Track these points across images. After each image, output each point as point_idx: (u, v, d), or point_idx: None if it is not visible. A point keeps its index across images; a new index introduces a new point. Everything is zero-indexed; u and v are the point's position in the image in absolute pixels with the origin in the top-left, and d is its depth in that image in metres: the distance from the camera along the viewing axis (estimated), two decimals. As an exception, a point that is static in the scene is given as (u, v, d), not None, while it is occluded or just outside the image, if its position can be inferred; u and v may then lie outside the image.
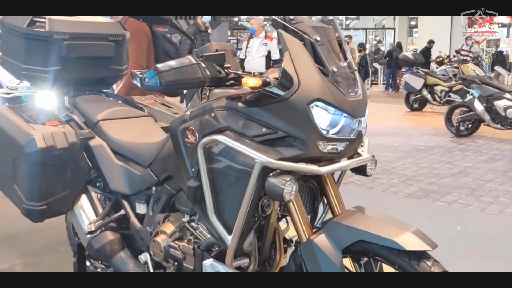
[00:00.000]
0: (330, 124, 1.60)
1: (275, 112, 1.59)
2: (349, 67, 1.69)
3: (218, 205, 1.74)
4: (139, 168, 2.23)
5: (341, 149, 1.65)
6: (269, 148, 1.61)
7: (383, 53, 19.51)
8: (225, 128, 1.68)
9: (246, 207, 1.64)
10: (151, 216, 2.16)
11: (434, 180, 5.15)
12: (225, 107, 1.69)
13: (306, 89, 1.56)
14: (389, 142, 7.26)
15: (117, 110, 2.52)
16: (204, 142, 1.69)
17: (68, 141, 2.24)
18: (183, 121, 1.82)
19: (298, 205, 1.70)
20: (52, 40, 2.48)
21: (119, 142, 2.32)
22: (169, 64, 1.61)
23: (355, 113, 1.63)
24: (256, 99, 1.62)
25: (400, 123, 9.36)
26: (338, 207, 1.83)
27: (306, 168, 1.58)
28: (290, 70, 1.57)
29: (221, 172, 1.70)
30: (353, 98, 1.64)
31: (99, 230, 2.31)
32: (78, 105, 2.56)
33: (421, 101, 10.89)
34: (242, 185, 1.63)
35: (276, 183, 1.56)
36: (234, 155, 1.66)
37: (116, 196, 2.35)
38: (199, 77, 1.62)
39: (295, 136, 1.59)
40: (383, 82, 16.82)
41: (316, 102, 1.56)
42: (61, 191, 2.29)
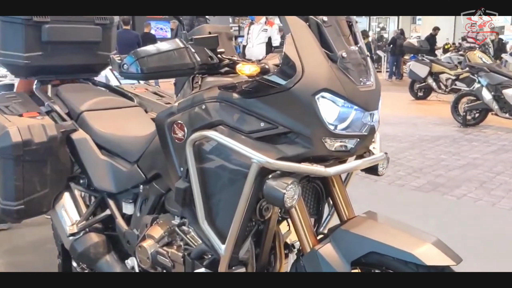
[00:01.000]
0: (339, 118, 1.38)
1: (275, 104, 1.38)
2: (360, 52, 1.47)
3: (210, 210, 1.53)
4: (126, 164, 2.03)
5: (351, 146, 1.44)
6: (268, 145, 1.40)
7: (386, 40, 19.20)
8: (218, 122, 1.47)
9: (242, 212, 1.43)
10: (139, 217, 1.96)
11: (441, 173, 4.94)
12: (217, 98, 1.48)
13: (311, 77, 1.35)
14: (393, 132, 7.04)
15: (103, 99, 2.31)
16: (193, 139, 1.48)
17: (47, 134, 2.03)
18: (170, 113, 1.60)
19: (301, 209, 1.49)
20: (32, 23, 2.27)
21: (104, 135, 2.11)
22: (151, 48, 1.40)
23: (367, 105, 1.41)
24: (253, 89, 1.41)
25: (404, 112, 9.12)
26: (346, 211, 1.62)
27: (310, 169, 1.37)
28: (292, 55, 1.35)
29: (213, 173, 1.49)
30: (365, 88, 1.43)
31: (83, 232, 2.11)
32: (61, 95, 2.35)
33: (426, 90, 10.65)
34: (237, 187, 1.43)
35: (275, 187, 1.35)
36: (227, 154, 1.45)
37: (101, 194, 2.15)
38: (187, 63, 1.40)
39: (298, 132, 1.38)
40: (386, 70, 16.54)
41: (322, 93, 1.35)
42: (40, 189, 2.08)
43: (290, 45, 1.36)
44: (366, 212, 1.55)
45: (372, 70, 1.48)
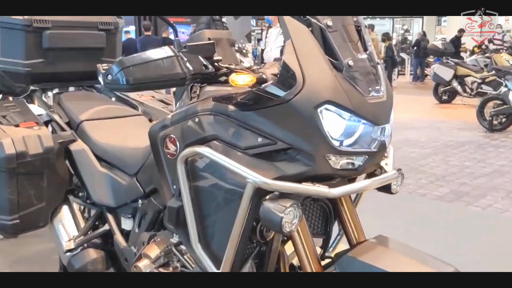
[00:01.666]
0: (344, 133, 1.25)
1: (273, 117, 1.25)
2: (369, 60, 1.33)
3: (204, 232, 1.41)
4: (125, 177, 1.92)
5: (359, 164, 1.30)
6: (266, 163, 1.27)
7: (410, 42, 18.84)
8: (212, 137, 1.34)
9: (238, 235, 1.31)
10: (137, 233, 1.85)
11: (466, 181, 4.73)
12: (211, 111, 1.35)
13: (313, 88, 1.21)
14: (416, 137, 6.82)
15: (104, 108, 2.22)
16: (185, 155, 1.36)
17: (43, 146, 1.94)
18: (163, 126, 1.49)
19: (303, 232, 1.36)
20: (32, 29, 2.20)
21: (103, 145, 2.01)
22: (138, 57, 1.28)
23: (377, 119, 1.27)
24: (250, 101, 1.28)
25: (428, 116, 8.88)
26: (356, 234, 1.48)
27: (312, 189, 1.24)
28: (292, 64, 1.22)
29: (207, 192, 1.37)
30: (375, 99, 1.29)
31: (80, 248, 2.01)
32: (62, 103, 2.27)
33: (451, 93, 10.36)
34: (233, 208, 1.30)
35: (273, 210, 1.22)
36: (222, 172, 1.32)
37: (100, 208, 2.04)
38: (177, 73, 1.28)
39: (299, 148, 1.25)
40: (410, 72, 16.22)
41: (325, 105, 1.21)
42: (36, 203, 1.99)
43: (290, 53, 1.23)
44: (377, 236, 1.41)
45: (383, 80, 1.34)
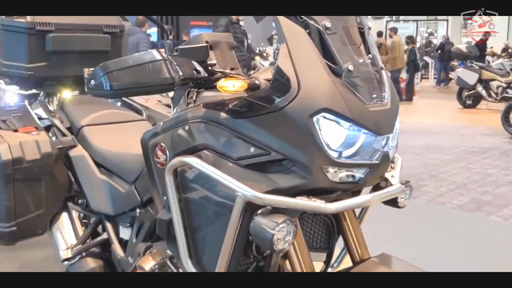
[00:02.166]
0: (344, 143, 1.15)
1: (266, 126, 1.16)
2: (372, 64, 1.24)
3: (195, 246, 1.33)
4: (124, 185, 1.86)
5: (360, 176, 1.20)
6: (259, 175, 1.19)
7: (435, 46, 18.52)
8: (202, 146, 1.26)
9: (229, 251, 1.22)
10: (134, 243, 1.78)
11: (488, 189, 4.55)
12: (202, 118, 1.27)
13: (309, 95, 1.12)
14: (438, 143, 6.65)
15: (106, 113, 2.16)
16: (173, 165, 1.29)
17: (41, 151, 1.89)
18: (154, 134, 1.42)
19: (300, 248, 1.27)
20: (35, 32, 2.15)
21: (103, 151, 1.95)
22: (123, 60, 1.21)
23: (379, 128, 1.17)
24: (241, 108, 1.19)
25: (451, 121, 8.67)
26: (359, 251, 1.39)
27: (307, 204, 1.15)
28: (286, 68, 1.14)
29: (196, 205, 1.29)
30: (377, 107, 1.19)
31: (79, 256, 1.96)
32: (65, 107, 2.22)
33: (475, 97, 10.11)
34: (223, 223, 1.22)
35: (263, 226, 1.13)
36: (211, 184, 1.24)
37: (99, 216, 1.98)
38: (165, 77, 1.20)
39: (294, 159, 1.16)
40: (434, 76, 15.93)
41: (322, 113, 1.12)
42: (34, 210, 1.94)
43: (285, 56, 1.14)
44: (380, 255, 1.31)
45: (387, 86, 1.24)
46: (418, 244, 3.22)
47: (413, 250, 3.10)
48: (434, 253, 3.08)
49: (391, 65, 11.17)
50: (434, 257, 3.01)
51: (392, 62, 11.06)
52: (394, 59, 10.99)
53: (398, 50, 11.01)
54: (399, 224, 3.54)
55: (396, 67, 11.09)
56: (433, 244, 3.22)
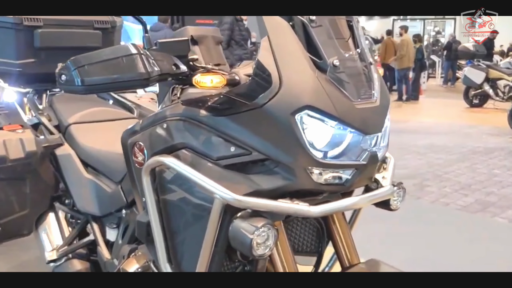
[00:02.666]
0: (329, 143, 1.09)
1: (247, 124, 1.10)
2: (361, 59, 1.17)
3: (174, 250, 1.27)
4: (111, 185, 1.80)
5: (347, 178, 1.13)
6: (240, 176, 1.12)
7: (442, 44, 18.36)
8: (181, 145, 1.20)
9: (208, 256, 1.16)
10: (120, 245, 1.73)
11: (493, 190, 4.46)
12: (181, 116, 1.21)
13: (291, 91, 1.06)
14: (443, 142, 6.54)
15: (96, 111, 2.10)
16: (149, 165, 1.23)
17: (25, 150, 1.84)
18: (133, 132, 1.36)
19: (284, 252, 1.21)
20: (23, 28, 2.10)
21: (89, 150, 1.90)
22: (95, 54, 1.15)
23: (367, 126, 1.11)
24: (221, 105, 1.13)
25: (456, 120, 8.55)
26: (348, 256, 1.32)
27: (289, 207, 1.08)
28: (268, 63, 1.07)
29: (175, 207, 1.23)
30: (364, 104, 1.12)
31: (65, 258, 1.90)
32: (53, 105, 2.16)
33: (482, 97, 9.98)
34: (202, 226, 1.15)
35: (242, 230, 1.07)
36: (190, 185, 1.18)
37: (86, 217, 1.93)
38: (140, 72, 1.14)
39: (276, 159, 1.09)
40: (441, 75, 15.78)
41: (305, 111, 1.06)
42: (19, 210, 1.89)
43: (266, 50, 1.08)
44: (368, 260, 1.24)
45: (376, 82, 1.17)
46: (420, 245, 3.14)
47: (414, 252, 3.03)
48: (436, 255, 3.00)
49: (398, 63, 11.07)
50: (435, 259, 2.94)
51: (399, 61, 10.95)
52: (402, 57, 10.88)
53: (406, 49, 10.87)
54: (400, 225, 3.46)
55: (403, 66, 10.98)
56: (435, 245, 3.14)
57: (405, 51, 10.86)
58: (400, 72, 11.10)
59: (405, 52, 10.87)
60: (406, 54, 10.86)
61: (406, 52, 10.86)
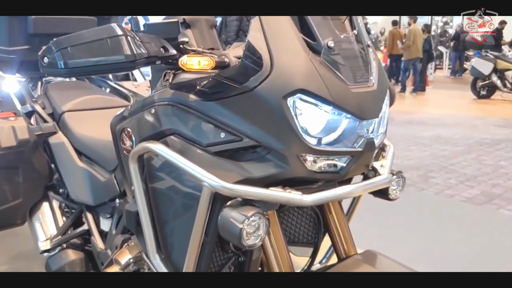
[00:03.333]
0: (323, 129, 1.04)
1: (237, 109, 1.05)
2: (357, 41, 1.11)
3: (164, 240, 1.22)
4: (104, 174, 1.76)
5: (342, 165, 1.08)
6: (230, 163, 1.08)
7: (450, 35, 18.17)
8: (169, 131, 1.15)
9: (197, 246, 1.12)
10: (113, 235, 1.69)
11: (499, 182, 4.39)
12: (169, 101, 1.16)
13: (283, 74, 1.00)
14: (449, 134, 6.46)
15: (91, 98, 2.06)
16: (136, 152, 1.18)
17: (17, 138, 1.80)
18: (121, 118, 1.31)
19: (277, 242, 1.16)
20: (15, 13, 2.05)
21: (83, 139, 1.86)
22: (78, 35, 1.10)
23: (363, 112, 1.05)
24: (211, 89, 1.08)
25: (463, 112, 8.45)
26: (345, 247, 1.27)
27: (280, 196, 1.03)
28: (258, 44, 1.02)
29: (164, 195, 1.18)
30: (361, 88, 1.06)
31: (59, 248, 1.87)
32: (48, 93, 2.12)
33: (490, 88, 9.86)
34: (192, 215, 1.11)
35: (231, 220, 1.02)
36: (179, 173, 1.13)
37: (80, 206, 1.89)
38: (126, 54, 1.08)
39: (268, 146, 1.04)
40: (448, 66, 15.62)
41: (298, 95, 1.00)
42: (12, 199, 1.86)
43: (257, 31, 1.03)
44: (364, 252, 1.19)
45: (374, 65, 1.12)
46: (423, 237, 3.09)
47: (417, 244, 2.98)
48: (440, 247, 2.95)
49: (405, 54, 10.93)
50: (439, 251, 2.88)
51: (407, 51, 10.81)
52: (409, 47, 10.72)
53: (414, 38, 10.71)
54: (405, 216, 3.42)
55: (411, 57, 10.82)
56: (439, 237, 3.09)
57: (411, 41, 10.70)
58: (407, 62, 10.96)
59: (411, 42, 10.71)
60: (414, 44, 10.70)
61: (414, 43, 10.70)
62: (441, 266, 2.68)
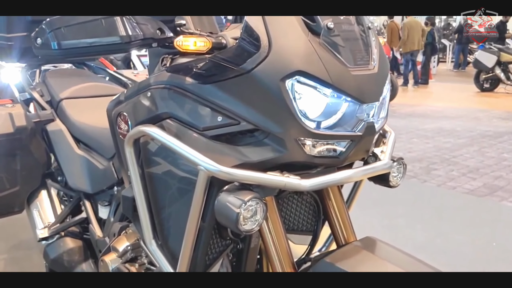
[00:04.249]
0: (322, 112, 1.01)
1: (234, 91, 1.03)
2: (358, 23, 1.09)
3: (161, 226, 1.20)
4: (102, 161, 1.74)
5: (341, 150, 1.06)
6: (227, 147, 1.05)
7: (453, 28, 18.07)
8: (166, 115, 1.13)
9: (193, 232, 1.10)
10: (111, 223, 1.67)
11: (502, 174, 4.36)
12: (165, 84, 1.14)
13: (281, 55, 0.98)
14: (451, 126, 6.44)
15: (89, 86, 2.04)
16: (132, 135, 1.16)
17: (14, 125, 1.78)
18: (117, 102, 1.29)
19: (275, 229, 1.14)
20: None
21: (81, 126, 1.84)
22: (71, 16, 1.07)
23: (363, 95, 1.03)
24: (207, 71, 1.06)
25: (466, 105, 8.41)
26: (344, 234, 1.25)
27: (278, 180, 1.01)
28: (256, 24, 0.99)
29: (160, 180, 1.16)
30: (361, 71, 1.04)
31: (57, 236, 1.86)
32: (47, 80, 2.10)
33: (493, 81, 9.81)
34: (188, 200, 1.09)
35: (227, 204, 1.00)
36: (175, 157, 1.11)
37: (78, 194, 1.88)
38: (121, 36, 1.06)
39: (266, 130, 1.02)
40: (451, 59, 15.54)
41: (296, 77, 0.98)
42: (9, 187, 1.84)
43: None
44: (364, 238, 1.17)
45: (375, 47, 1.09)
46: (424, 228, 3.07)
47: (418, 235, 2.96)
48: (441, 238, 2.93)
49: (403, 48, 10.82)
50: (440, 242, 2.87)
51: (404, 45, 10.70)
52: (404, 43, 10.59)
53: (407, 33, 10.54)
54: (406, 208, 3.40)
55: (406, 50, 10.70)
56: (441, 228, 3.07)
57: (406, 36, 10.50)
58: (405, 56, 10.87)
59: (406, 37, 10.52)
60: (410, 38, 10.51)
61: (409, 37, 10.50)
62: (442, 257, 2.66)
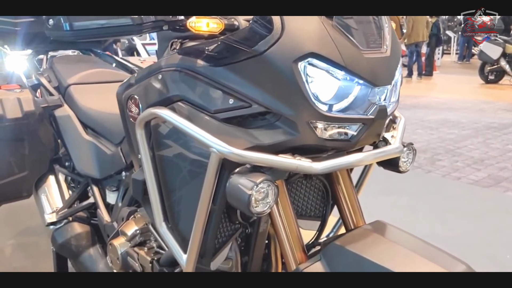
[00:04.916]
0: (335, 95, 1.01)
1: (246, 74, 1.02)
2: (370, 6, 1.08)
3: (172, 209, 1.21)
4: (110, 146, 1.75)
5: (353, 134, 1.06)
6: (239, 130, 1.05)
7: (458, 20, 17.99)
8: (177, 98, 1.13)
9: (204, 215, 1.10)
10: (119, 208, 1.68)
11: (506, 165, 4.36)
12: (177, 66, 1.14)
13: (294, 37, 0.98)
14: (456, 118, 6.42)
15: (96, 72, 2.04)
16: (143, 118, 1.16)
17: (23, 110, 1.78)
18: (128, 85, 1.29)
19: (286, 214, 1.14)
20: None
21: (89, 111, 1.84)
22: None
23: (376, 78, 1.03)
24: (219, 53, 1.06)
25: (471, 96, 8.39)
26: (354, 218, 1.26)
27: (290, 163, 1.01)
28: None
29: (171, 163, 1.16)
30: (374, 54, 1.04)
31: (65, 221, 1.87)
32: (54, 66, 2.10)
33: (498, 72, 9.77)
34: (200, 183, 1.09)
35: (239, 186, 1.00)
36: (186, 139, 1.11)
37: (86, 179, 1.88)
38: (132, 17, 1.06)
39: (278, 112, 1.02)
40: (456, 51, 15.48)
41: (309, 59, 0.97)
42: (18, 172, 1.85)
43: None
44: (374, 222, 1.17)
45: (387, 32, 1.09)
46: (429, 219, 3.08)
47: (423, 226, 2.96)
48: (445, 228, 2.93)
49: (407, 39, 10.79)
50: (445, 233, 2.87)
51: (408, 37, 10.68)
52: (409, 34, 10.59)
53: (412, 25, 10.51)
54: (410, 198, 3.40)
55: (410, 42, 10.68)
56: (445, 219, 3.07)
57: (410, 29, 10.51)
58: (410, 47, 10.83)
59: (410, 30, 10.52)
60: (414, 30, 10.51)
61: (414, 29, 10.51)
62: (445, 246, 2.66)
